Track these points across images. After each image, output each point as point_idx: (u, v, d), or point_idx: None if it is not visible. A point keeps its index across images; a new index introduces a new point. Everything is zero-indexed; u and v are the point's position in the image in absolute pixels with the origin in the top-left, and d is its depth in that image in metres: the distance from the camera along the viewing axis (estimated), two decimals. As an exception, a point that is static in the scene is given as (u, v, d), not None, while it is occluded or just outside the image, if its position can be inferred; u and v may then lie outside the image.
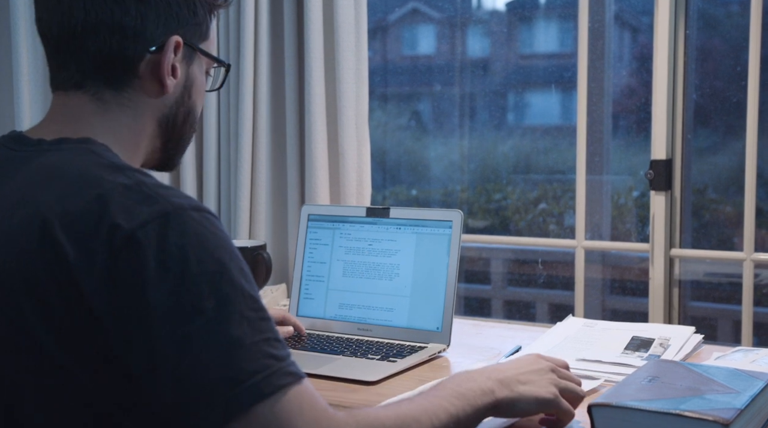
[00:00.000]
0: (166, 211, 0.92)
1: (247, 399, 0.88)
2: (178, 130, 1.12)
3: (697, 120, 2.33)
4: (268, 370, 0.89)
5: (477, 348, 1.67)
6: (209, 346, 0.88)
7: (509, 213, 2.94)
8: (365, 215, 1.79)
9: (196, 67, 1.11)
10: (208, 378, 0.88)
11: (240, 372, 0.88)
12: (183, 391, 0.89)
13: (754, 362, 1.41)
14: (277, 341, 0.93)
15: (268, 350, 0.91)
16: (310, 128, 2.07)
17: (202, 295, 0.89)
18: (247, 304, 0.91)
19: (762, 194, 2.34)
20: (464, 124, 2.94)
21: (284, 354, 0.93)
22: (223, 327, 0.89)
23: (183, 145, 1.15)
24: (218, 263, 0.91)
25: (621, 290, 2.64)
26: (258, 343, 0.90)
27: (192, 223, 0.92)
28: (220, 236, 0.94)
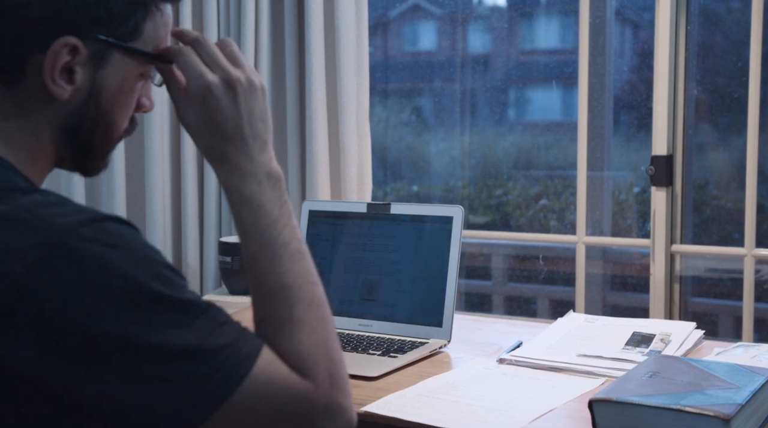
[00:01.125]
0: (50, 242, 0.84)
1: (215, 399, 0.85)
2: (86, 141, 0.99)
3: (698, 116, 2.33)
4: (226, 362, 0.86)
5: (478, 344, 1.67)
6: (154, 370, 0.84)
7: (510, 209, 2.94)
8: (366, 211, 1.79)
9: (109, 72, 0.96)
10: (168, 397, 0.85)
11: (198, 378, 0.85)
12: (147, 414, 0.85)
13: (755, 357, 1.41)
14: (221, 325, 0.88)
15: (215, 343, 0.87)
16: (310, 123, 2.07)
17: (124, 322, 0.84)
18: (175, 310, 0.86)
19: (762, 190, 2.34)
20: (465, 120, 2.94)
21: (234, 335, 0.88)
22: (159, 345, 0.84)
23: (98, 155, 1.03)
24: (129, 281, 0.84)
25: (622, 285, 2.64)
26: (203, 343, 0.86)
27: (85, 245, 0.84)
28: (124, 246, 0.86)
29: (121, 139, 1.05)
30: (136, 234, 0.90)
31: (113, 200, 2.15)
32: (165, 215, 2.20)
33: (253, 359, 0.88)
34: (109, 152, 1.04)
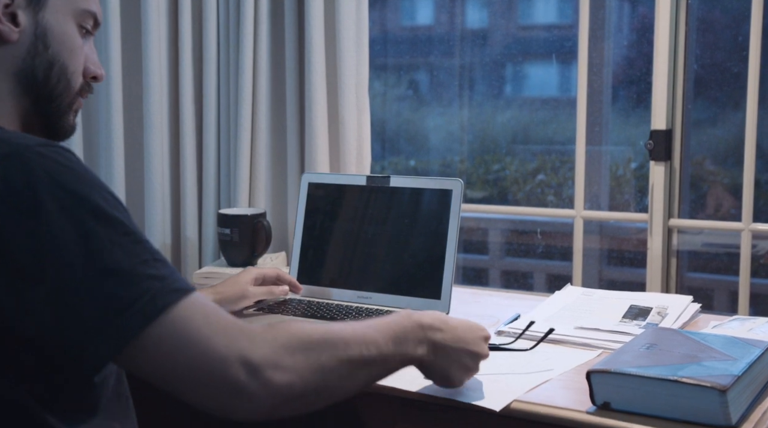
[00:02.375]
0: (5, 152, 0.89)
1: (135, 325, 0.87)
2: (42, 86, 1.04)
3: (697, 91, 2.33)
4: (150, 292, 0.88)
5: (476, 316, 1.67)
6: (84, 283, 0.87)
7: (507, 184, 2.94)
8: (365, 184, 1.80)
9: (50, 14, 1.03)
10: (91, 315, 0.87)
11: (121, 300, 0.87)
12: (69, 333, 0.87)
13: (751, 330, 1.43)
14: (156, 261, 0.92)
15: (147, 271, 0.90)
16: (310, 96, 2.06)
17: (63, 231, 0.87)
18: (116, 230, 0.90)
19: (760, 165, 2.35)
20: (463, 95, 2.93)
21: (166, 272, 0.91)
22: (94, 260, 0.87)
23: (59, 105, 1.07)
24: (75, 195, 0.89)
25: (618, 260, 2.65)
26: (135, 267, 0.89)
27: (38, 159, 0.89)
28: (75, 168, 0.91)
29: (78, 95, 1.09)
30: (85, 165, 0.93)
31: (112, 171, 2.14)
32: (164, 186, 2.20)
33: (179, 297, 0.90)
34: (70, 105, 1.09)
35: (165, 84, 2.19)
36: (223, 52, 2.18)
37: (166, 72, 2.19)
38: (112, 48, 2.11)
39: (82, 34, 1.09)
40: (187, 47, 2.16)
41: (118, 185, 2.15)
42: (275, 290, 1.65)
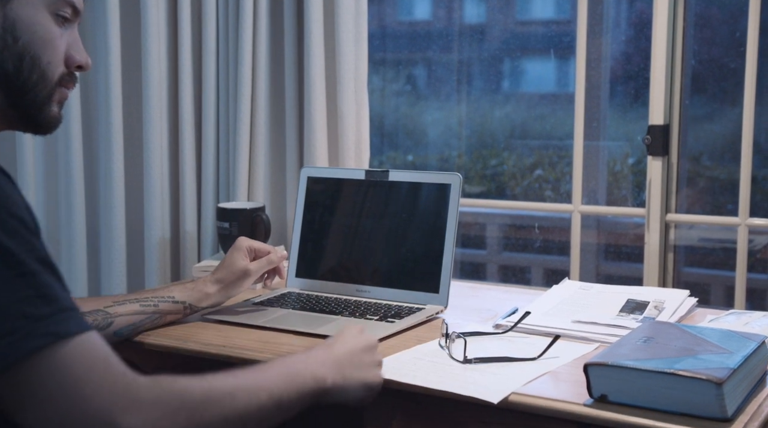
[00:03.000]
0: None
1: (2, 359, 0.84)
2: (14, 79, 1.01)
3: (694, 87, 2.34)
4: (18, 333, 0.84)
5: (474, 310, 1.69)
6: None
7: (505, 179, 2.95)
8: (364, 178, 1.80)
9: (18, 5, 1.01)
10: None
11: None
12: None
13: (747, 324, 1.44)
14: (40, 297, 0.87)
15: (22, 309, 0.85)
16: (309, 90, 2.07)
17: None
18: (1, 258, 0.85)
19: (757, 161, 2.35)
20: (461, 90, 2.94)
21: (47, 311, 0.87)
22: None
23: (34, 98, 1.04)
24: None
25: (616, 255, 2.66)
26: (10, 303, 0.85)
27: None
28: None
29: (59, 85, 1.06)
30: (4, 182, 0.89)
31: (111, 166, 2.15)
32: (163, 181, 2.21)
33: (52, 341, 0.86)
34: (49, 97, 1.05)
35: (164, 79, 2.19)
36: (222, 47, 2.18)
37: (165, 67, 2.19)
38: (111, 43, 2.11)
39: (60, 23, 1.06)
40: (186, 42, 2.16)
41: (116, 180, 2.15)
42: (273, 258, 1.61)
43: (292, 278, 1.82)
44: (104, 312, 1.42)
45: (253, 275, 1.58)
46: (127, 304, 1.45)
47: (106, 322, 1.41)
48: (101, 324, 1.40)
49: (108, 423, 0.87)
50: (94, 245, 2.24)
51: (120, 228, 2.16)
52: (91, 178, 2.23)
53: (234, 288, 1.56)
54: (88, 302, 1.44)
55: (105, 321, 1.41)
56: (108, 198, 2.16)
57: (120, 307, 1.43)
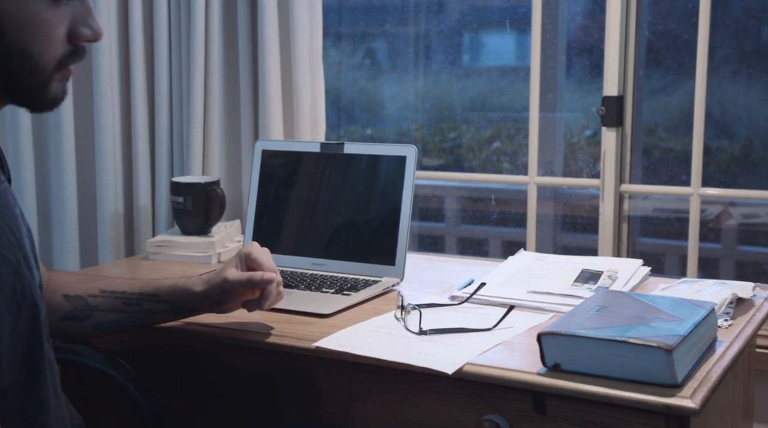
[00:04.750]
0: None
1: None
2: (2, 73, 0.98)
3: (650, 59, 2.35)
4: None
5: (430, 282, 1.69)
6: None
7: (463, 152, 2.95)
8: (320, 151, 1.79)
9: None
10: None
11: None
12: None
13: (699, 292, 1.45)
14: None
15: None
16: (263, 62, 2.04)
17: None
18: None
19: (710, 132, 2.38)
20: (420, 63, 2.92)
21: None
22: None
23: (28, 88, 1.01)
24: None
25: (572, 226, 2.68)
26: None
27: None
28: None
29: (60, 68, 1.01)
30: None
31: (61, 138, 2.11)
32: (115, 155, 2.17)
33: None
34: (46, 82, 1.01)
35: (115, 49, 2.15)
36: (174, 19, 2.14)
37: (116, 38, 2.15)
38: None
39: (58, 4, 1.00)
40: (138, 14, 2.12)
41: (67, 154, 2.11)
42: (254, 276, 1.30)
43: (247, 252, 1.81)
44: (85, 302, 1.34)
45: (232, 287, 1.31)
46: (110, 299, 1.35)
47: (83, 314, 1.34)
48: (78, 315, 1.34)
49: None
50: (46, 220, 2.20)
51: (72, 203, 2.13)
52: (41, 152, 2.18)
53: (220, 296, 1.31)
54: (79, 281, 1.37)
55: (83, 312, 1.34)
56: (59, 173, 2.12)
57: (102, 300, 1.35)
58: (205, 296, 1.32)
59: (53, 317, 1.31)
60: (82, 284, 1.36)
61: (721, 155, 2.42)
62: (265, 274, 1.29)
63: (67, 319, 1.33)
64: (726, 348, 1.26)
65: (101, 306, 1.34)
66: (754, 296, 1.48)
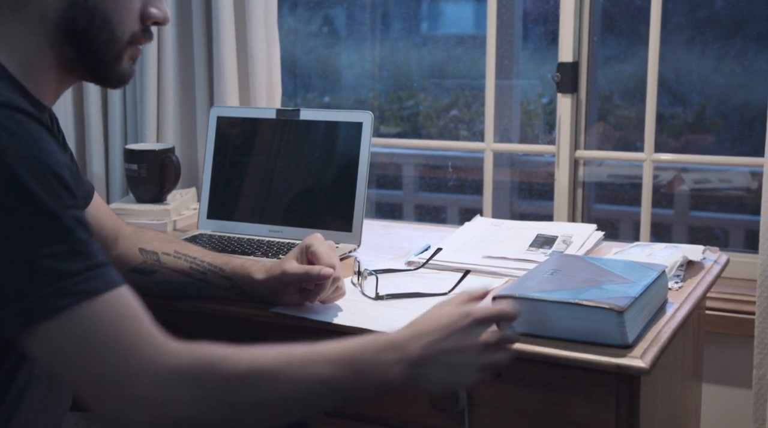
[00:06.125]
0: None
1: (21, 319, 0.84)
2: (83, 38, 1.01)
3: (605, 26, 2.37)
4: (47, 289, 0.84)
5: (387, 248, 1.69)
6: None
7: (421, 119, 2.95)
8: (275, 117, 1.77)
9: None
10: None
11: (14, 289, 0.84)
12: None
13: (651, 255, 1.47)
14: (73, 253, 0.86)
15: (54, 265, 0.84)
16: (217, 27, 2.01)
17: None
18: (31, 211, 0.85)
19: (664, 100, 2.41)
20: (378, 31, 2.91)
21: (79, 267, 0.86)
22: (2, 239, 0.83)
23: (102, 57, 1.03)
24: (7, 170, 0.84)
25: (528, 193, 2.70)
26: (42, 258, 0.84)
27: None
28: (20, 136, 0.87)
29: (131, 44, 1.05)
30: (43, 134, 0.89)
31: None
32: (67, 121, 2.14)
33: (80, 300, 0.85)
34: (119, 54, 1.05)
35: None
36: (126, -18, 2.10)
37: (66, 2, 2.10)
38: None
39: None
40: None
41: (18, 121, 2.07)
42: (312, 271, 1.26)
43: (203, 219, 1.80)
44: (157, 258, 1.34)
45: (289, 280, 1.27)
46: (181, 260, 1.34)
47: (152, 269, 1.34)
48: (147, 269, 1.33)
49: (126, 390, 0.85)
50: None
51: (23, 172, 2.09)
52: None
53: (278, 287, 1.29)
54: (159, 239, 1.37)
55: (152, 267, 1.34)
56: (9, 141, 2.08)
57: (173, 260, 1.34)
58: (264, 284, 1.30)
59: (124, 267, 1.31)
60: (161, 242, 1.37)
61: (675, 121, 2.45)
62: (323, 269, 1.25)
63: (136, 271, 1.33)
64: (676, 310, 1.28)
65: (170, 265, 1.34)
66: (704, 259, 1.51)
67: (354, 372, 0.95)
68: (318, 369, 0.93)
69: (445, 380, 1.01)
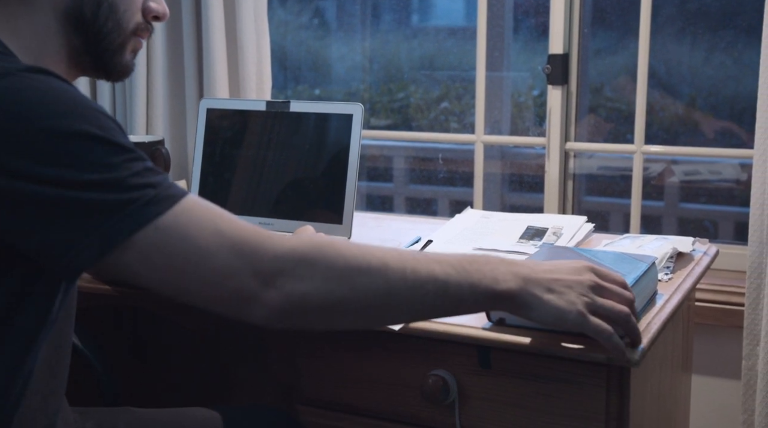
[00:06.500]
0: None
1: (125, 227, 0.87)
2: (91, 25, 1.04)
3: (598, 18, 2.37)
4: (143, 198, 0.88)
5: (378, 240, 1.69)
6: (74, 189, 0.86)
7: (412, 112, 2.95)
8: (265, 109, 1.77)
9: None
10: (78, 218, 0.86)
11: (113, 204, 0.87)
12: (53, 235, 0.87)
13: (641, 247, 1.48)
14: (148, 170, 0.90)
15: (138, 181, 0.88)
16: (207, 19, 2.01)
17: (49, 153, 0.86)
18: (104, 150, 0.88)
19: (655, 93, 2.41)
20: (369, 23, 2.90)
21: (159, 179, 0.90)
22: (83, 177, 0.86)
23: (109, 45, 1.06)
24: (61, 116, 0.88)
25: (519, 185, 2.70)
26: (126, 178, 0.88)
27: (29, 82, 0.89)
28: (66, 89, 0.90)
29: (134, 34, 1.09)
30: (79, 92, 0.92)
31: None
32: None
33: (174, 202, 0.89)
34: (123, 45, 1.08)
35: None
36: (114, -26, 2.09)
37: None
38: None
39: None
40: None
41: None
42: None
43: (193, 212, 1.79)
44: None
45: None
46: None
47: None
48: None
49: (241, 270, 0.89)
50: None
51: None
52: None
53: None
54: None
55: None
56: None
57: None
58: None
59: None
60: None
61: (665, 113, 2.45)
62: None
63: None
64: (666, 301, 1.28)
65: None
66: (693, 251, 1.51)
67: (465, 275, 0.97)
68: (429, 267, 0.95)
69: (553, 306, 1.00)
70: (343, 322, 0.96)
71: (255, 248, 0.90)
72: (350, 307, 0.94)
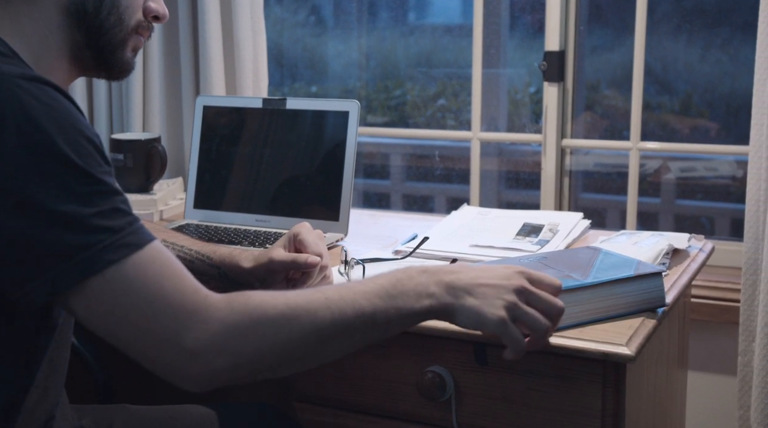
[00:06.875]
0: None
1: (75, 274, 0.87)
2: (93, 19, 1.04)
3: (594, 15, 2.37)
4: (99, 244, 0.87)
5: (374, 237, 1.69)
6: (34, 223, 0.86)
7: (408, 109, 2.95)
8: (262, 106, 1.77)
9: None
10: (33, 256, 0.86)
11: (66, 247, 0.86)
12: (12, 266, 0.87)
13: (637, 243, 1.48)
14: (115, 211, 0.89)
15: (100, 222, 0.87)
16: (203, 17, 2.01)
17: (22, 168, 0.86)
18: (76, 178, 0.87)
19: (651, 90, 2.41)
20: (366, 21, 2.90)
21: (120, 224, 0.89)
22: (47, 203, 0.86)
23: (110, 40, 1.06)
24: (42, 134, 0.87)
25: (515, 182, 2.70)
26: (88, 217, 0.87)
27: (16, 90, 0.88)
28: (53, 106, 0.89)
29: (135, 32, 1.09)
30: (72, 107, 0.91)
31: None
32: (52, 112, 2.12)
33: (128, 253, 0.89)
34: (124, 41, 1.08)
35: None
36: (111, -29, 2.09)
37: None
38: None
39: None
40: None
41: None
42: (299, 258, 1.27)
43: (190, 209, 1.79)
44: None
45: (277, 268, 1.28)
46: (168, 248, 1.32)
47: None
48: None
49: (172, 340, 0.89)
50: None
51: (8, 162, 2.08)
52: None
53: (266, 274, 1.29)
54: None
55: None
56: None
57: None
58: (251, 273, 1.30)
59: None
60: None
61: (662, 110, 2.46)
62: (310, 257, 1.27)
63: None
64: (662, 297, 1.28)
65: None
66: (689, 247, 1.52)
67: (391, 302, 0.99)
68: (355, 304, 0.97)
69: (474, 312, 1.01)
70: (276, 374, 0.98)
71: (189, 319, 0.89)
72: (282, 362, 0.95)
